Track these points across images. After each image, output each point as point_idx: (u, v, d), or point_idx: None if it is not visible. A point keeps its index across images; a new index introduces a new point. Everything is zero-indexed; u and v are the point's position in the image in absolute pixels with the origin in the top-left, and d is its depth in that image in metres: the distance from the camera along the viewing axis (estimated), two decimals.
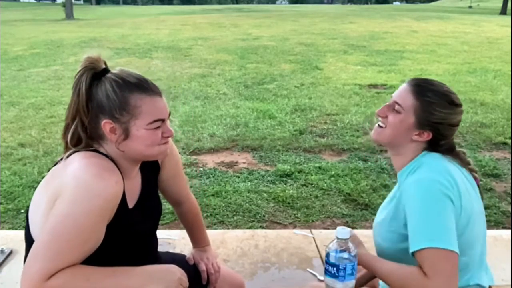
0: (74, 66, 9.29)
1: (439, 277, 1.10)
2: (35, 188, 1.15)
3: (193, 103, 6.42)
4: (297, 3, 76.71)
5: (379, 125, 1.39)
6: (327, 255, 1.12)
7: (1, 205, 3.32)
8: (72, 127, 1.16)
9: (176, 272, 1.14)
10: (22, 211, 3.26)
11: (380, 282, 1.36)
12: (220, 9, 37.32)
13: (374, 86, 7.54)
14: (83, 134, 1.16)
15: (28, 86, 7.56)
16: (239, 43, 12.33)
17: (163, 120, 1.18)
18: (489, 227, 3.11)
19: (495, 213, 3.28)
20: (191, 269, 1.50)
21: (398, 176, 1.34)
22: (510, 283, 1.52)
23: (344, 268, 1.10)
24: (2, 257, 2.43)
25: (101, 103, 1.13)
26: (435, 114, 1.26)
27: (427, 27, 16.12)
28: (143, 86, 1.17)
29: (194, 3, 73.15)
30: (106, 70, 1.18)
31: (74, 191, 1.04)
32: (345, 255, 1.11)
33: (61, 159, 1.17)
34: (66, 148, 1.20)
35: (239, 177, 3.85)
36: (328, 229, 3.01)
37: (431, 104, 1.27)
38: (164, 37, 13.51)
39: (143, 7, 50.18)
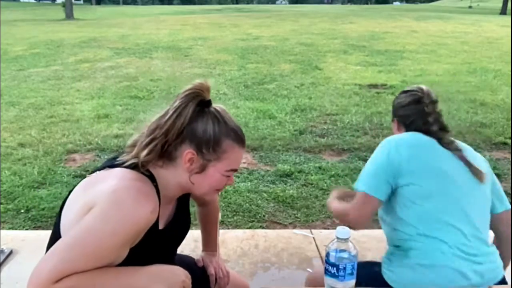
0: (74, 66, 9.31)
1: (354, 210, 1.50)
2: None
3: None
4: (297, 3, 76.72)
5: None
6: (327, 255, 1.12)
7: (1, 205, 3.32)
8: (155, 142, 1.12)
9: (180, 274, 1.14)
10: (22, 211, 3.26)
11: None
12: (220, 9, 37.33)
13: (374, 86, 7.54)
14: (158, 151, 1.13)
15: (28, 86, 7.56)
16: (239, 43, 12.34)
17: (235, 170, 1.21)
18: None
19: None
20: (199, 272, 1.51)
21: None
22: (510, 283, 1.52)
23: (344, 268, 1.10)
24: (2, 257, 2.43)
25: (195, 133, 1.13)
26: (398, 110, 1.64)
27: (427, 27, 16.13)
28: (239, 136, 1.18)
29: (194, 3, 73.16)
30: (209, 102, 1.17)
31: (108, 207, 1.04)
32: (345, 255, 1.11)
33: (108, 166, 1.15)
34: (120, 154, 1.17)
35: (239, 177, 3.85)
36: (328, 229, 3.01)
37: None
38: (164, 37, 13.51)
39: (143, 7, 50.19)
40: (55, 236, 1.13)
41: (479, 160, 1.52)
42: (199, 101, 1.14)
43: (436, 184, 1.42)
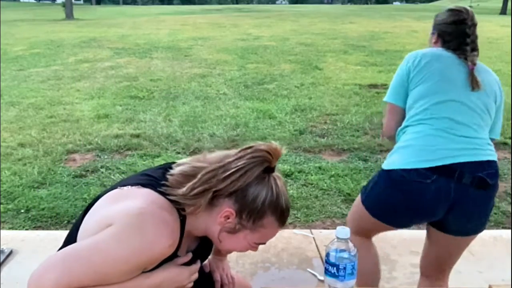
0: (74, 66, 9.31)
1: (384, 122, 1.79)
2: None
3: (193, 103, 6.42)
4: (297, 3, 76.68)
5: None
6: (327, 254, 1.12)
7: (1, 205, 3.32)
8: (208, 193, 1.06)
9: (183, 280, 1.14)
10: (22, 211, 3.26)
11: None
12: (220, 9, 37.32)
13: (374, 86, 7.54)
14: (206, 202, 1.08)
15: (28, 86, 7.55)
16: (239, 43, 12.33)
17: (263, 243, 1.19)
18: (489, 227, 3.11)
19: (495, 213, 3.28)
20: (205, 277, 1.49)
21: None
22: (510, 283, 1.52)
23: (344, 268, 1.10)
24: (2, 257, 2.43)
25: (244, 196, 1.08)
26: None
27: (427, 27, 15.90)
28: (283, 217, 1.14)
29: (194, 3, 73.11)
30: (273, 169, 1.13)
31: (128, 231, 1.00)
32: (345, 254, 1.11)
33: (142, 184, 1.10)
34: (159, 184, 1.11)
35: None
36: (328, 229, 3.01)
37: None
38: (164, 37, 13.51)
39: (143, 7, 50.17)
40: (71, 238, 1.11)
41: (489, 79, 1.70)
42: (265, 167, 1.08)
43: (436, 86, 1.65)
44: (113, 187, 1.15)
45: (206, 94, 6.98)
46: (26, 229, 3.03)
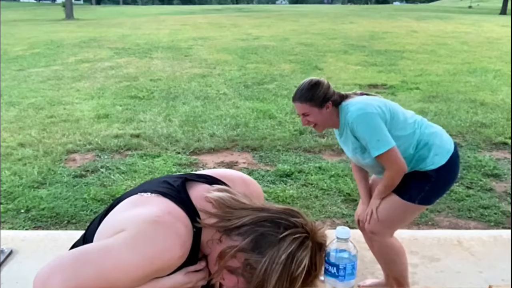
0: (74, 66, 9.32)
1: (393, 165, 1.89)
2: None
3: (193, 103, 6.42)
4: (297, 3, 76.69)
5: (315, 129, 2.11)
6: (327, 254, 1.12)
7: (1, 205, 3.32)
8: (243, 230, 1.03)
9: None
10: (22, 211, 3.26)
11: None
12: (220, 9, 37.32)
13: (374, 86, 7.54)
14: (218, 223, 1.06)
15: (28, 86, 7.56)
16: (239, 43, 12.34)
17: None
18: (489, 227, 3.12)
19: (495, 213, 3.28)
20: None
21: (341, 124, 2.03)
22: (510, 283, 1.52)
23: (344, 268, 1.10)
24: (2, 257, 2.43)
25: (269, 262, 0.99)
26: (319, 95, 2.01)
27: (427, 27, 16.13)
28: None
29: (194, 3, 73.13)
30: (310, 238, 1.06)
31: (140, 237, 0.99)
32: (345, 254, 1.11)
33: (163, 194, 1.09)
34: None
35: None
36: (328, 229, 3.01)
37: (312, 98, 2.01)
38: (164, 37, 13.51)
39: (143, 7, 50.17)
40: (86, 237, 1.11)
41: None
42: (305, 239, 1.03)
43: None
44: (134, 191, 1.14)
45: (206, 94, 6.98)
46: (26, 229, 3.03)
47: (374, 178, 2.20)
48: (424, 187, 1.98)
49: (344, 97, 2.05)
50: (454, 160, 1.99)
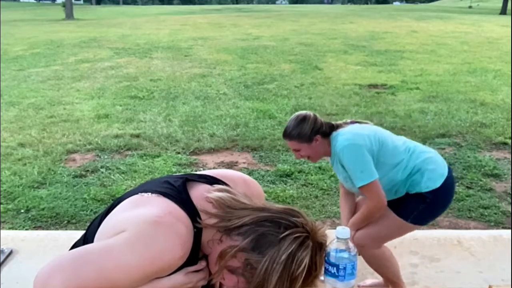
0: (74, 66, 9.31)
1: (374, 196, 1.92)
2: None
3: (193, 103, 6.42)
4: (297, 3, 76.69)
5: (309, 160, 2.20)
6: (327, 254, 1.12)
7: (1, 205, 3.32)
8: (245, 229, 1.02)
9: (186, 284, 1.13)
10: (22, 211, 3.26)
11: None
12: (220, 9, 37.32)
13: (374, 86, 7.54)
14: (218, 223, 1.06)
15: (28, 86, 7.56)
16: (239, 43, 12.34)
17: None
18: (489, 227, 3.12)
19: (495, 213, 3.28)
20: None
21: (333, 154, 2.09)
22: (510, 283, 1.52)
23: (344, 268, 1.10)
24: (2, 257, 2.43)
25: (268, 262, 0.98)
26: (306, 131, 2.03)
27: (427, 27, 16.12)
28: None
29: (194, 3, 73.12)
30: (310, 238, 1.06)
31: (141, 237, 0.98)
32: (345, 254, 1.11)
33: (163, 193, 1.08)
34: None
35: None
36: (328, 229, 3.01)
37: (299, 134, 2.02)
38: (164, 37, 13.51)
39: (143, 7, 50.16)
40: (87, 237, 1.11)
41: None
42: (306, 238, 1.03)
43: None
44: (134, 191, 1.14)
45: (206, 94, 6.98)
46: (26, 229, 3.03)
47: (361, 198, 2.23)
48: (418, 206, 2.02)
49: (334, 127, 2.09)
50: (449, 183, 2.04)
